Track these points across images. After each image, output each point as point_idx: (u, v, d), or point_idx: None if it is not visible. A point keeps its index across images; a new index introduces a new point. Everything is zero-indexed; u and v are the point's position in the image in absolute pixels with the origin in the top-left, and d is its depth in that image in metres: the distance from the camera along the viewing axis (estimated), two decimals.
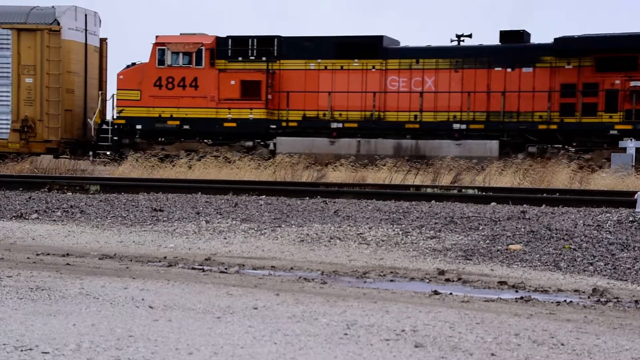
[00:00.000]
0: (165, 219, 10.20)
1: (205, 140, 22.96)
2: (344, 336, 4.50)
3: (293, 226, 9.56)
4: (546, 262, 7.57)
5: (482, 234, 8.69)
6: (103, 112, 23.93)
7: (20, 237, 9.25)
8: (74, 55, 23.87)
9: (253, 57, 22.57)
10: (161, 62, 22.91)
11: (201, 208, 10.88)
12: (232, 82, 22.60)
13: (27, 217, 10.61)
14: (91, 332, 4.39)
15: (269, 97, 22.49)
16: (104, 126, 23.35)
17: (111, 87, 25.68)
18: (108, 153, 23.06)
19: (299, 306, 5.32)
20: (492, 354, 4.21)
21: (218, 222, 9.87)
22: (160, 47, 22.89)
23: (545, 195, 11.94)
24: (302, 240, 8.89)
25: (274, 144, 22.32)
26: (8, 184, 13.62)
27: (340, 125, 22.11)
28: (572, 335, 4.67)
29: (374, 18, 65.37)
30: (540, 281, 6.92)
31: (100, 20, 25.05)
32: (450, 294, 6.14)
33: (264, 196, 12.15)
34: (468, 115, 21.56)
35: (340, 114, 22.28)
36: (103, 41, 25.24)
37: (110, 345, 4.11)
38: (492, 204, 10.85)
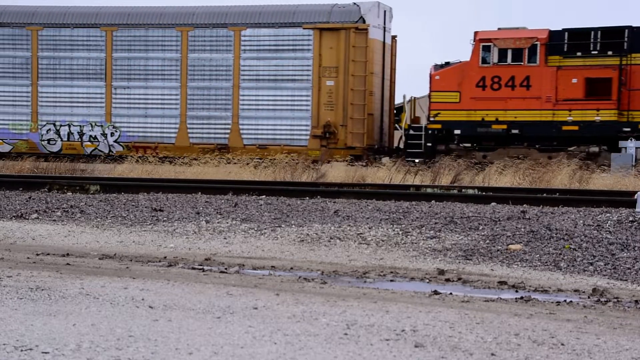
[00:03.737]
0: (165, 219, 10.20)
1: (536, 146, 20.76)
2: (344, 336, 4.50)
3: (293, 226, 9.56)
4: (546, 262, 7.57)
5: (482, 233, 8.69)
6: (410, 115, 22.14)
7: (20, 237, 9.24)
8: (376, 55, 22.32)
9: (596, 52, 20.10)
10: (485, 60, 20.80)
11: (201, 208, 10.87)
12: (574, 80, 20.14)
13: (27, 217, 10.61)
14: (91, 332, 4.39)
15: (620, 96, 19.92)
16: (411, 131, 21.53)
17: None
18: (417, 161, 21.07)
19: (299, 306, 5.32)
20: (492, 354, 4.21)
21: (218, 222, 9.87)
22: (485, 44, 20.76)
23: (545, 195, 11.93)
24: (302, 240, 8.89)
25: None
26: (8, 184, 13.61)
27: None
28: (572, 335, 4.67)
29: None
30: (541, 281, 6.92)
31: (392, 16, 23.38)
32: (450, 293, 6.14)
33: (264, 196, 12.15)
34: None
35: None
36: (393, 39, 23.48)
37: (110, 345, 4.11)
38: (492, 203, 10.85)
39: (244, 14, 22.35)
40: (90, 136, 23.20)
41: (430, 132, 21.33)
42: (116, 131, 23.08)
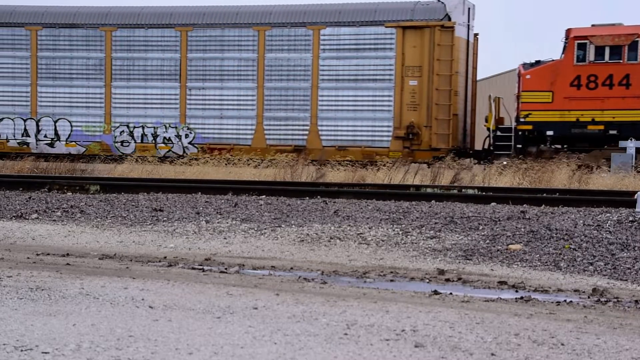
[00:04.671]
0: (165, 219, 10.20)
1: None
2: (344, 336, 4.50)
3: (293, 226, 9.56)
4: (546, 262, 7.57)
5: (482, 233, 8.69)
6: (496, 116, 21.24)
7: (20, 237, 9.24)
8: (461, 54, 21.62)
9: None
10: (580, 58, 19.87)
11: (201, 208, 10.87)
12: None
13: (27, 217, 10.61)
14: (91, 332, 4.39)
15: None
16: (499, 132, 20.76)
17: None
18: (505, 163, 19.88)
19: (299, 306, 5.32)
20: (492, 354, 4.21)
21: (218, 222, 9.87)
22: (580, 42, 19.85)
23: (545, 195, 11.93)
24: (302, 240, 8.89)
25: None
26: (8, 184, 13.61)
27: None
28: (572, 335, 4.67)
29: None
30: (540, 281, 6.92)
31: (474, 13, 22.71)
32: (450, 293, 6.14)
33: (264, 196, 12.15)
34: None
35: None
36: (475, 36, 22.73)
37: (110, 345, 4.11)
38: (492, 203, 10.85)
39: (323, 12, 21.84)
40: (164, 138, 22.78)
41: (520, 133, 20.53)
42: (191, 133, 22.65)
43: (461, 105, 21.83)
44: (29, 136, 23.36)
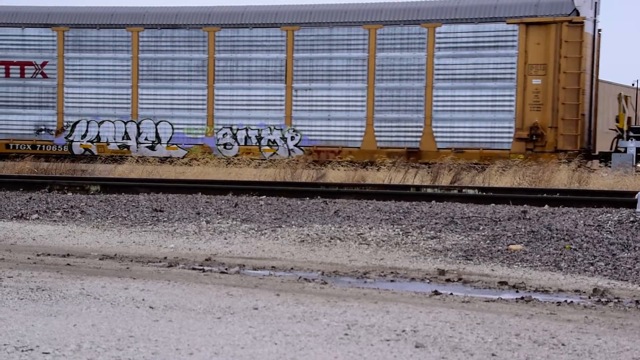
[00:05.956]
0: (165, 219, 10.20)
1: None
2: (344, 336, 4.50)
3: (293, 226, 9.56)
4: (547, 262, 7.57)
5: (483, 234, 8.69)
6: (629, 115, 20.11)
7: (20, 238, 9.24)
8: (588, 51, 20.36)
9: None
10: None
11: (201, 208, 10.87)
12: None
13: (27, 217, 10.61)
14: (92, 332, 4.39)
15: None
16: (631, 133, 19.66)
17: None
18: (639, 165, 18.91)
19: (300, 306, 5.32)
20: (493, 354, 4.21)
21: (218, 223, 9.87)
22: None
23: (545, 195, 11.92)
24: (303, 241, 8.89)
25: None
26: (8, 184, 13.62)
27: None
28: (573, 336, 4.67)
29: None
30: (541, 281, 6.92)
31: (600, 8, 21.38)
32: (451, 294, 6.14)
33: (264, 196, 12.15)
34: None
35: None
36: (598, 32, 21.36)
37: (110, 346, 4.11)
38: (493, 204, 10.85)
39: (438, 9, 21.06)
40: (269, 140, 22.08)
41: None
42: (297, 135, 21.98)
43: (588, 105, 20.74)
44: (130, 139, 22.74)
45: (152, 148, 22.68)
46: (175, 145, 22.58)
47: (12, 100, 23.57)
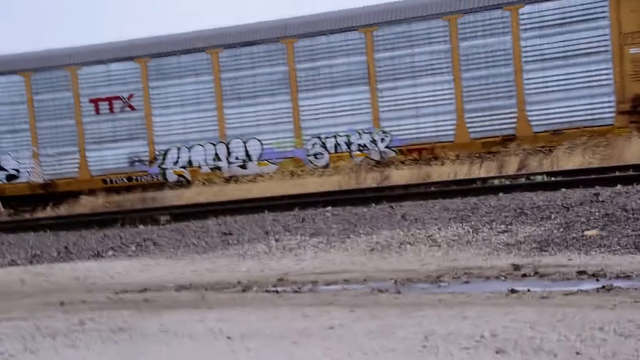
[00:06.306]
0: (235, 242, 10.31)
1: None
2: (422, 348, 4.45)
3: (362, 235, 9.53)
4: (626, 246, 7.32)
5: (555, 222, 8.48)
6: None
7: (99, 276, 9.49)
8: None
9: None
10: None
11: (269, 227, 10.96)
12: None
13: (103, 255, 10.90)
14: None
15: None
16: None
17: None
18: None
19: (375, 321, 5.29)
20: (577, 353, 4.10)
21: (287, 240, 9.93)
22: None
23: (618, 173, 11.55)
24: (373, 249, 8.85)
25: None
26: (83, 223, 14.03)
27: None
28: None
29: None
30: (622, 266, 6.70)
31: None
32: (528, 290, 6.00)
33: (330, 207, 12.16)
34: None
35: None
36: None
37: None
38: (563, 189, 10.58)
39: None
40: (359, 145, 21.68)
41: None
42: (386, 136, 21.53)
43: None
44: (221, 160, 22.62)
45: (243, 167, 22.41)
46: (266, 161, 22.27)
47: (104, 135, 24.30)
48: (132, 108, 23.73)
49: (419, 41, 21.24)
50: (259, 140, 22.50)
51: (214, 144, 23.18)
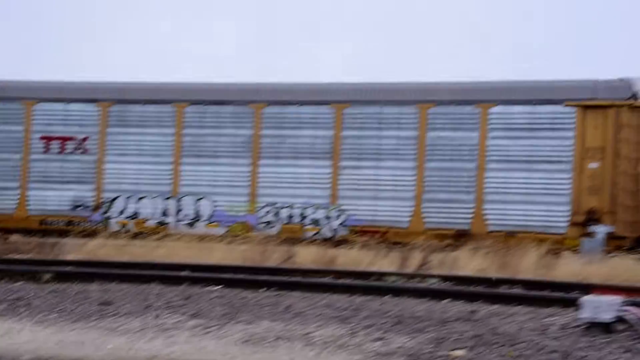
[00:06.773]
0: (112, 313, 10.00)
1: None
2: None
3: (241, 323, 9.39)
4: None
5: (427, 337, 8.55)
6: None
7: None
8: None
9: None
10: None
11: (152, 300, 10.69)
12: None
13: None
14: None
15: None
16: None
17: None
18: None
19: None
20: None
21: (165, 318, 9.69)
22: None
23: (500, 290, 11.82)
24: (247, 341, 8.70)
25: None
26: None
27: None
28: None
29: None
30: None
31: None
32: None
33: (220, 287, 11.98)
34: None
35: None
36: None
37: None
38: (445, 301, 10.73)
39: (493, 90, 20.91)
40: (313, 219, 21.62)
41: None
42: (342, 214, 21.44)
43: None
44: (169, 216, 22.32)
45: (191, 225, 22.16)
46: (215, 223, 22.04)
47: (50, 175, 23.17)
48: (85, 151, 23.07)
49: (388, 124, 21.34)
50: (212, 201, 22.19)
51: (165, 199, 22.63)
